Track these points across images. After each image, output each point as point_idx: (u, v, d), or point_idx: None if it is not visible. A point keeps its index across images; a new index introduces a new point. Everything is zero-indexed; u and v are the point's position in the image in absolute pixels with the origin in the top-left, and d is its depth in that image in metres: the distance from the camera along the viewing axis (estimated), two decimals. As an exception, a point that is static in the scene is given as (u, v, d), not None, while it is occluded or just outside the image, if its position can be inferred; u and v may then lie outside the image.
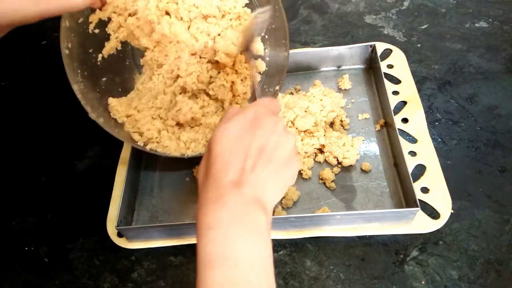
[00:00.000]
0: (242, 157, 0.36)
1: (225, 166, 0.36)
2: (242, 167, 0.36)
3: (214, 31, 0.56)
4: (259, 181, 0.36)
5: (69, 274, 0.55)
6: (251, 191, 0.35)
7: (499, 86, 0.65)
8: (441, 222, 0.52)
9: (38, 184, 0.64)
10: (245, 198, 0.35)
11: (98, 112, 0.53)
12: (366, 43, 0.66)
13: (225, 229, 0.34)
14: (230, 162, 0.36)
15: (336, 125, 0.62)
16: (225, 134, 0.37)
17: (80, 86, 0.52)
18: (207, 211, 0.35)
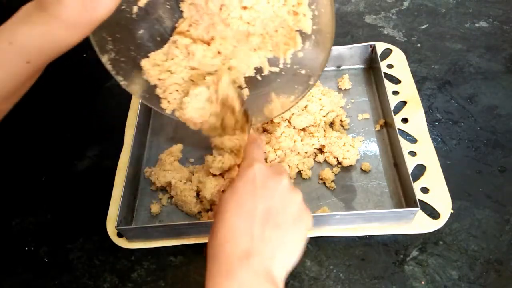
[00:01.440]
0: (248, 224, 0.35)
1: (232, 236, 0.35)
2: (249, 235, 0.35)
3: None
4: (269, 246, 0.35)
5: (69, 274, 0.55)
6: (260, 263, 0.34)
7: (499, 86, 0.65)
8: (441, 222, 0.52)
9: (38, 184, 0.64)
10: (254, 272, 0.34)
11: (130, 79, 0.51)
12: (366, 43, 0.66)
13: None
14: (237, 230, 0.35)
15: (336, 125, 0.62)
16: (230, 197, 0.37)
17: (111, 55, 0.50)
18: (215, 284, 0.33)
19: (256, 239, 0.35)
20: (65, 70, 0.78)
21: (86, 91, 0.75)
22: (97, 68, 0.78)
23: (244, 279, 0.33)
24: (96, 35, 0.47)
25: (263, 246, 0.35)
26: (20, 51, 0.37)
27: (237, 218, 0.36)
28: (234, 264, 0.34)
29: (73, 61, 0.80)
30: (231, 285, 0.33)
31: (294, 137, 0.59)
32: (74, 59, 0.80)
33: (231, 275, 0.33)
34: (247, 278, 0.33)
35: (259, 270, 0.34)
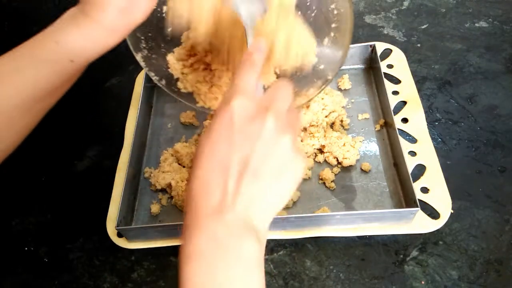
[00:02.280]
0: (222, 176, 0.31)
1: (204, 189, 0.31)
2: (223, 189, 0.31)
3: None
4: (244, 203, 0.31)
5: (69, 274, 0.55)
6: (234, 216, 0.30)
7: (499, 86, 0.65)
8: (441, 222, 0.52)
9: (38, 184, 0.64)
10: (228, 226, 0.30)
11: (161, 74, 0.53)
12: (366, 43, 0.66)
13: (203, 261, 0.30)
14: (209, 184, 0.31)
15: (336, 125, 0.62)
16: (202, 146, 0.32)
17: (144, 53, 0.52)
18: (186, 238, 0.31)
19: (230, 194, 0.31)
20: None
21: (86, 91, 0.75)
22: (97, 68, 0.78)
23: (217, 234, 0.30)
24: (131, 36, 0.50)
25: (238, 201, 0.30)
26: (65, 50, 0.40)
27: (210, 171, 0.31)
28: (205, 219, 0.30)
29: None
30: (201, 240, 0.30)
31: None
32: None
33: (200, 229, 0.30)
34: (219, 231, 0.30)
35: (234, 225, 0.30)
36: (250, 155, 0.31)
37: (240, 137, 0.31)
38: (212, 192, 0.31)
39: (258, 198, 0.31)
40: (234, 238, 0.30)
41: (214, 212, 0.30)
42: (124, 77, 0.75)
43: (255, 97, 0.33)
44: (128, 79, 0.74)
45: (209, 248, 0.30)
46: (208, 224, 0.30)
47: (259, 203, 0.31)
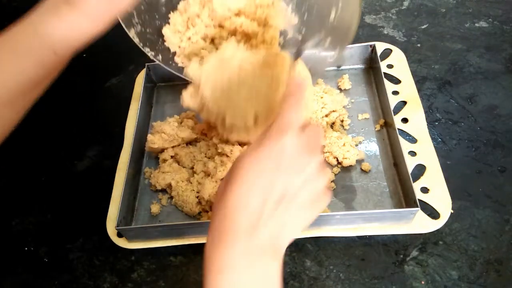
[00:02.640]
0: (262, 199, 0.33)
1: (242, 208, 0.33)
2: (260, 211, 0.32)
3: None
4: (276, 227, 0.33)
5: (69, 274, 0.55)
6: (266, 238, 0.33)
7: (499, 86, 0.65)
8: (441, 222, 0.52)
9: (38, 184, 0.64)
10: (259, 246, 0.32)
11: (156, 49, 0.52)
12: (366, 43, 0.66)
13: (238, 275, 0.32)
14: (249, 202, 0.33)
15: (336, 125, 0.62)
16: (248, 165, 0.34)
17: (137, 29, 0.50)
18: (217, 253, 0.32)
19: (265, 217, 0.33)
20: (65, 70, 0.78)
21: (86, 91, 0.75)
22: (97, 68, 0.79)
23: (248, 251, 0.32)
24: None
25: (272, 224, 0.33)
26: (47, 41, 0.38)
27: (251, 192, 0.33)
28: (238, 236, 0.32)
29: (73, 61, 0.80)
30: (232, 256, 0.32)
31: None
32: (74, 59, 0.80)
33: (234, 246, 0.32)
34: (251, 251, 0.32)
35: (264, 245, 0.33)
36: (291, 187, 0.33)
37: (290, 168, 0.34)
38: (251, 211, 0.33)
39: (288, 224, 0.34)
40: (264, 257, 0.32)
41: (249, 230, 0.32)
42: (124, 77, 0.75)
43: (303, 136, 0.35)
44: (128, 79, 0.74)
45: (241, 263, 0.32)
46: (242, 240, 0.32)
47: (287, 228, 0.34)
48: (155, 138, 0.60)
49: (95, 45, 0.89)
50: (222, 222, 0.33)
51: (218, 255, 0.32)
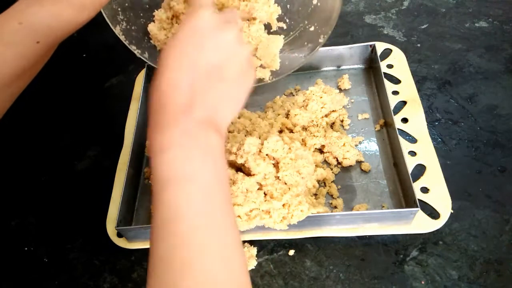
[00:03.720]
0: (190, 77, 0.34)
1: (173, 88, 0.34)
2: (191, 89, 0.34)
3: None
4: (210, 102, 0.35)
5: (69, 274, 0.55)
6: (202, 113, 0.34)
7: (499, 86, 0.65)
8: (441, 222, 0.52)
9: (38, 184, 0.64)
10: (197, 121, 0.34)
11: (143, 47, 0.51)
12: (366, 43, 0.66)
13: (180, 150, 0.33)
14: (178, 84, 0.34)
15: (336, 125, 0.62)
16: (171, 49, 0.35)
17: (122, 26, 0.50)
18: (158, 134, 0.33)
19: (198, 93, 0.34)
20: (65, 70, 0.78)
21: (86, 91, 0.75)
22: (97, 68, 0.79)
23: (187, 127, 0.33)
24: (107, 8, 0.48)
25: (206, 99, 0.34)
26: (30, 31, 0.38)
27: (179, 72, 0.34)
28: (176, 116, 0.33)
29: (73, 61, 0.80)
30: (174, 132, 0.33)
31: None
32: (74, 59, 0.80)
33: (171, 125, 0.33)
34: (188, 127, 0.33)
35: (202, 120, 0.34)
36: (216, 59, 0.35)
37: (208, 42, 0.35)
38: (182, 91, 0.34)
39: (222, 98, 0.35)
40: (203, 132, 0.34)
41: (185, 109, 0.33)
42: (124, 77, 0.75)
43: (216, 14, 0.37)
44: (128, 79, 0.74)
45: (184, 140, 0.33)
46: (180, 119, 0.33)
47: (222, 102, 0.35)
48: None
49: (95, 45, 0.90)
50: (159, 106, 0.34)
51: (159, 136, 0.33)
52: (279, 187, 0.50)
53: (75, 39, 0.82)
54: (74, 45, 0.81)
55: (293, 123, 0.61)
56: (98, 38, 0.82)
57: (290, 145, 0.54)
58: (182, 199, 0.31)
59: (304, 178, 0.53)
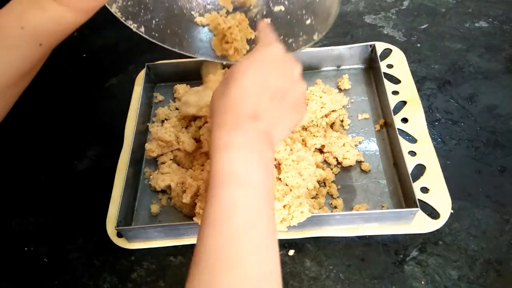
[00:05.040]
0: (260, 92, 0.38)
1: (245, 96, 0.38)
2: (258, 101, 0.38)
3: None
4: (272, 117, 0.38)
5: (69, 274, 0.55)
6: (264, 126, 0.37)
7: (499, 86, 0.65)
8: (440, 222, 0.52)
9: (38, 184, 0.64)
10: (259, 131, 0.37)
11: (139, 21, 0.51)
12: (366, 43, 0.66)
13: (242, 152, 0.36)
14: (249, 94, 0.38)
15: (336, 125, 0.62)
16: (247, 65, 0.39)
17: (118, 3, 0.49)
18: (224, 133, 0.37)
19: (263, 107, 0.38)
20: (65, 70, 0.78)
21: (86, 91, 0.75)
22: (97, 68, 0.79)
23: (249, 134, 0.37)
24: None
25: (269, 113, 0.38)
26: (32, 35, 0.39)
27: (252, 84, 0.38)
28: (242, 119, 0.37)
29: (73, 61, 0.80)
30: (237, 135, 0.36)
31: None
32: (74, 59, 0.80)
33: (238, 127, 0.37)
34: (252, 133, 0.37)
35: (262, 131, 0.37)
36: (281, 85, 0.39)
37: (279, 69, 0.40)
38: (251, 101, 0.38)
39: (279, 118, 0.39)
40: (262, 142, 0.37)
41: (250, 117, 0.37)
42: (124, 77, 0.75)
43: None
44: (128, 79, 0.74)
45: (245, 143, 0.36)
46: (246, 125, 0.37)
47: (279, 122, 0.39)
48: (153, 147, 0.61)
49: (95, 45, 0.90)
50: (227, 109, 0.38)
51: (224, 135, 0.37)
52: (281, 189, 0.51)
53: (75, 39, 0.83)
54: (74, 45, 0.81)
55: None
56: (98, 38, 0.81)
57: (292, 147, 0.54)
58: (238, 198, 0.34)
59: (305, 179, 0.53)
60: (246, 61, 0.40)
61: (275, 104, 0.39)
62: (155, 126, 0.63)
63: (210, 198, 0.34)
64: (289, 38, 0.53)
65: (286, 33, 0.53)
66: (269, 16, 0.53)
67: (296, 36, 0.53)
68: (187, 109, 0.62)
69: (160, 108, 0.67)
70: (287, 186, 0.51)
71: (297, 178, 0.51)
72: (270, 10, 0.54)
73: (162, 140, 0.60)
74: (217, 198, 0.34)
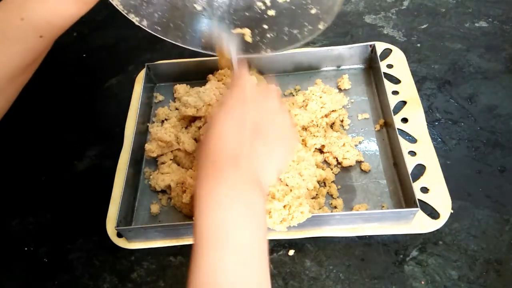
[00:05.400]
0: (237, 135, 0.37)
1: (222, 143, 0.37)
2: (238, 146, 0.36)
3: None
4: (255, 160, 0.36)
5: (69, 274, 0.55)
6: (249, 170, 0.36)
7: (499, 86, 0.65)
8: (440, 222, 0.52)
9: (38, 184, 0.64)
10: (243, 177, 0.35)
11: (141, 14, 0.50)
12: (366, 43, 0.66)
13: (225, 209, 0.34)
14: (227, 140, 0.37)
15: (336, 125, 0.62)
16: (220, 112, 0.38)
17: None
18: (206, 187, 0.35)
19: (244, 147, 0.36)
20: (65, 70, 0.78)
21: (86, 91, 0.75)
22: (97, 68, 0.79)
23: (233, 185, 0.35)
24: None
25: (251, 154, 0.36)
26: (33, 27, 0.39)
27: (227, 127, 0.37)
28: (224, 168, 0.35)
29: (73, 61, 0.80)
30: (220, 189, 0.34)
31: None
32: (74, 59, 0.80)
33: (221, 180, 0.35)
34: (236, 183, 0.35)
35: (247, 176, 0.35)
36: (259, 120, 0.38)
37: (252, 105, 0.38)
38: (230, 147, 0.36)
39: (265, 159, 0.37)
40: (248, 188, 0.35)
41: (232, 164, 0.35)
42: (124, 77, 0.75)
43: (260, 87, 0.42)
44: (128, 79, 0.74)
45: (229, 195, 0.34)
46: (227, 174, 0.35)
47: (265, 163, 0.37)
48: (153, 147, 0.61)
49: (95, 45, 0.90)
50: (207, 163, 0.36)
51: (206, 190, 0.35)
52: (281, 189, 0.51)
53: (75, 39, 0.83)
54: (74, 45, 0.81)
55: (293, 123, 0.61)
56: (98, 38, 0.81)
57: None
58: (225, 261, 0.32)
59: (305, 180, 0.53)
60: (219, 108, 0.39)
61: (258, 144, 0.37)
62: (155, 126, 0.63)
63: (195, 261, 0.33)
64: (294, 29, 0.52)
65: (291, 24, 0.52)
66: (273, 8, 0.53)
67: (301, 27, 0.52)
68: (187, 110, 0.62)
69: (160, 108, 0.67)
70: (287, 186, 0.51)
71: (297, 178, 0.51)
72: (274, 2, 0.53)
73: (162, 141, 0.60)
74: (203, 262, 0.32)
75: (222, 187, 0.34)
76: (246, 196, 0.35)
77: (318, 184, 0.56)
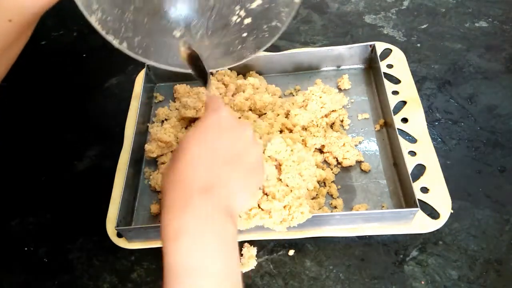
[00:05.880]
0: (209, 163, 0.35)
1: (192, 170, 0.35)
2: (209, 173, 0.35)
3: None
4: (226, 188, 0.35)
5: (69, 274, 0.55)
6: (219, 197, 0.34)
7: (499, 86, 0.65)
8: (440, 222, 0.52)
9: (38, 184, 0.64)
10: (213, 205, 0.34)
11: (121, 36, 0.50)
12: (366, 43, 0.66)
13: (193, 238, 0.32)
14: (197, 166, 0.35)
15: (336, 125, 0.62)
16: (191, 137, 0.37)
17: (98, 15, 0.49)
18: (174, 216, 0.33)
19: (216, 176, 0.35)
20: (65, 70, 0.78)
21: (86, 91, 0.75)
22: (97, 68, 0.79)
23: (203, 212, 0.33)
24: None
25: (223, 184, 0.35)
26: (2, 8, 0.37)
27: (199, 155, 0.36)
28: (192, 196, 0.34)
29: (73, 61, 0.80)
30: (190, 217, 0.33)
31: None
32: (74, 59, 0.80)
33: (188, 208, 0.33)
34: (204, 211, 0.33)
35: (217, 206, 0.34)
36: (233, 150, 0.37)
37: (227, 135, 0.37)
38: (200, 174, 0.35)
39: (236, 188, 0.36)
40: (219, 217, 0.34)
41: (202, 192, 0.34)
42: (124, 77, 0.75)
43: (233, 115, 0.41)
44: (128, 79, 0.74)
45: (198, 224, 0.33)
46: (196, 202, 0.33)
47: (236, 192, 0.36)
48: (153, 147, 0.61)
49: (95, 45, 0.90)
50: (175, 190, 0.35)
51: (173, 220, 0.33)
52: (281, 189, 0.51)
53: (75, 39, 0.83)
54: (74, 45, 0.81)
55: (293, 123, 0.61)
56: (98, 38, 0.81)
57: (293, 147, 0.54)
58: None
59: (305, 180, 0.53)
60: (191, 131, 0.38)
61: (228, 171, 0.36)
62: (155, 126, 0.63)
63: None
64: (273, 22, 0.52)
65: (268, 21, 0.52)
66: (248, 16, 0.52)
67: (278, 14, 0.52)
68: (186, 112, 0.62)
69: (160, 108, 0.67)
70: (287, 186, 0.51)
71: (297, 178, 0.51)
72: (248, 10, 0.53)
73: (162, 141, 0.60)
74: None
75: (189, 216, 0.33)
76: (215, 224, 0.34)
77: (318, 184, 0.56)
